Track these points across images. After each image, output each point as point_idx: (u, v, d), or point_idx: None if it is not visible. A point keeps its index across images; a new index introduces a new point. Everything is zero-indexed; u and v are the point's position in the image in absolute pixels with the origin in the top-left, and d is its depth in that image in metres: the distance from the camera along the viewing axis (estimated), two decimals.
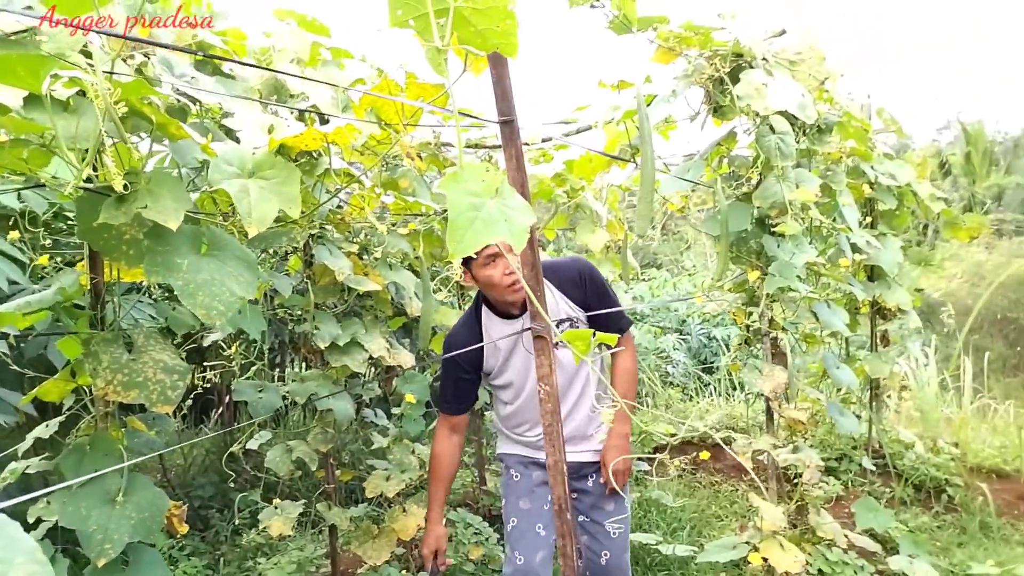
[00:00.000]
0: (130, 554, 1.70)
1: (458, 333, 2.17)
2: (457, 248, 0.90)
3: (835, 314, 2.68)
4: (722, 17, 2.20)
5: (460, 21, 0.94)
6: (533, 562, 2.05)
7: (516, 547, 2.09)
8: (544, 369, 1.28)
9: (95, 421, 1.84)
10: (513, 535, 2.12)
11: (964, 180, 22.99)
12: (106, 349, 1.70)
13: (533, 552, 2.06)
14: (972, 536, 3.24)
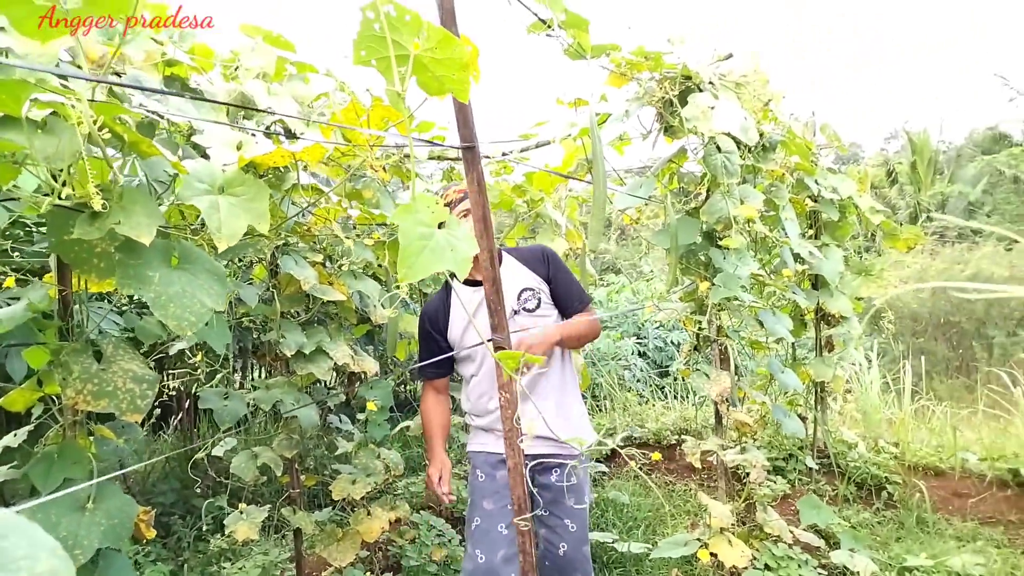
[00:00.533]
0: (100, 560, 1.74)
1: (432, 301, 2.36)
2: (407, 273, 0.99)
3: (779, 321, 2.83)
4: (671, 42, 2.32)
5: (419, 67, 1.03)
6: (494, 560, 2.13)
7: (478, 546, 2.17)
8: (504, 377, 1.37)
9: (63, 430, 1.87)
10: (476, 534, 2.20)
11: (910, 188, 23.75)
12: (76, 359, 1.74)
13: (494, 551, 2.14)
14: (909, 531, 3.43)
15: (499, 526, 2.19)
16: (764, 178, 2.71)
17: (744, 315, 2.65)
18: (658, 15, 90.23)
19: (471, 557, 2.20)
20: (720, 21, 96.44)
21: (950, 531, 3.40)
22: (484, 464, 2.28)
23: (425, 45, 1.01)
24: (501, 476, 2.23)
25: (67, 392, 1.67)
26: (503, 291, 1.39)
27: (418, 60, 1.01)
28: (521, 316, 2.19)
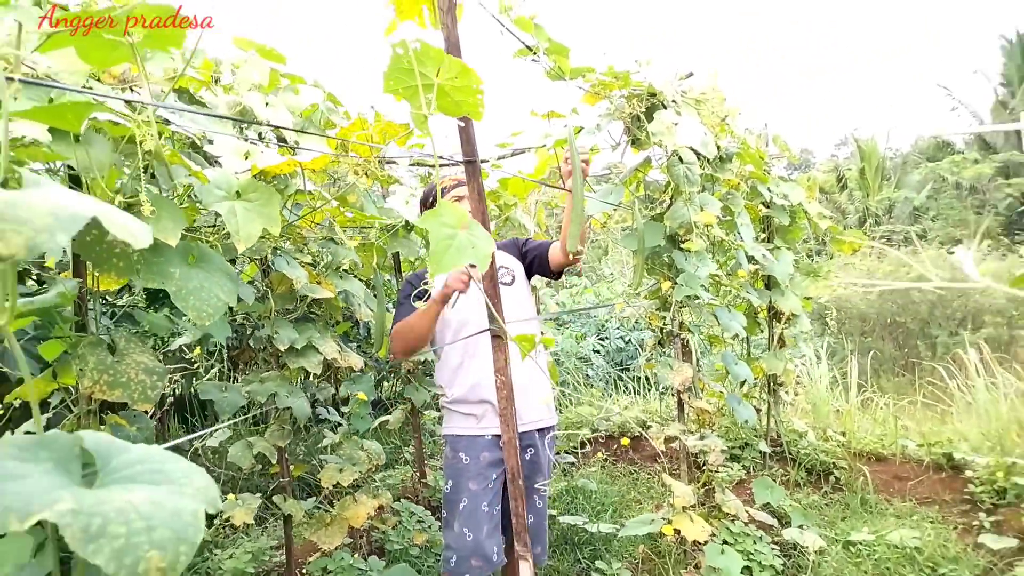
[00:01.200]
0: None
1: (420, 272, 2.62)
2: (437, 268, 1.19)
3: (734, 318, 3.08)
4: (639, 63, 2.56)
5: (441, 94, 1.24)
6: (481, 537, 2.32)
7: (466, 525, 2.35)
8: (500, 363, 1.57)
9: (78, 418, 2.01)
10: (463, 514, 2.36)
11: (859, 194, 24.58)
12: (92, 351, 1.89)
13: (481, 529, 2.33)
14: (854, 511, 3.72)
15: (483, 505, 2.37)
16: (721, 186, 2.96)
17: (704, 312, 2.89)
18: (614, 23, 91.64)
19: (459, 535, 2.36)
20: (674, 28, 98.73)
21: (891, 510, 3.70)
22: (468, 447, 2.43)
23: (446, 75, 1.21)
24: (484, 457, 2.40)
25: (84, 382, 1.81)
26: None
27: (440, 88, 1.21)
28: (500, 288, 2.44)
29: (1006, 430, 4.16)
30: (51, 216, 0.58)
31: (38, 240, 0.56)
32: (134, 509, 0.64)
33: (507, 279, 2.51)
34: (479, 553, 2.32)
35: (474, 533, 2.33)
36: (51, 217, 0.58)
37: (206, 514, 0.70)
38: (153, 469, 0.73)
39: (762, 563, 2.91)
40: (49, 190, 0.66)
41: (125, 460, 0.73)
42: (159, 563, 0.62)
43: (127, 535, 0.62)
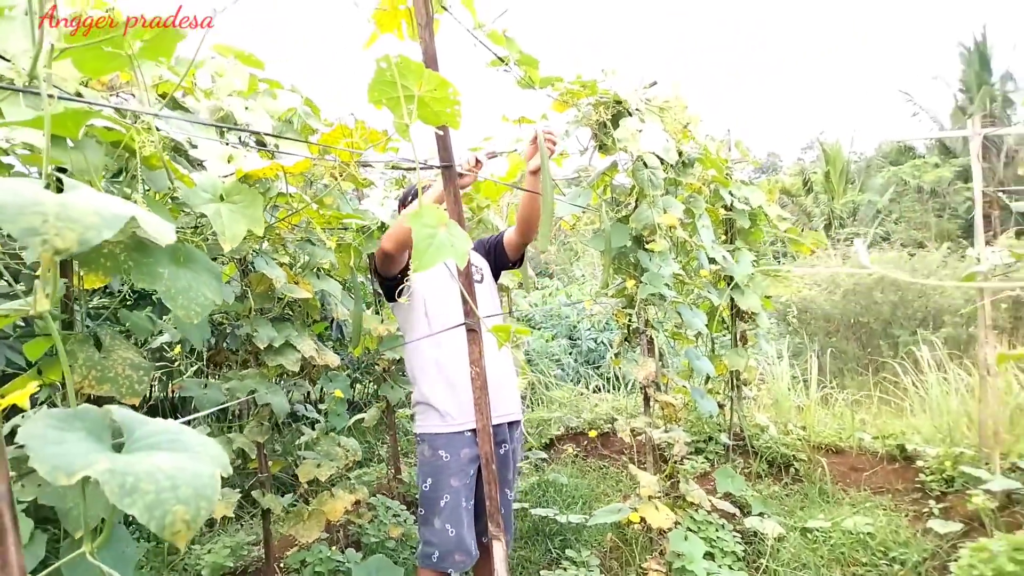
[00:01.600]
0: (103, 531, 1.97)
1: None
2: (419, 265, 1.29)
3: (696, 316, 3.23)
4: (605, 73, 2.69)
5: (421, 104, 1.34)
6: (463, 532, 2.38)
7: (448, 521, 2.39)
8: (475, 355, 1.68)
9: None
10: (445, 511, 2.40)
11: (824, 196, 25.09)
12: (81, 348, 1.96)
13: (462, 524, 2.39)
14: (812, 500, 3.89)
15: (463, 500, 2.43)
16: (684, 190, 3.10)
17: (667, 309, 3.04)
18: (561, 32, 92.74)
19: (441, 531, 2.39)
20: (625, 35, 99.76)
21: (847, 499, 3.88)
22: (447, 445, 2.45)
23: (426, 88, 1.32)
24: (464, 454, 2.44)
25: (74, 377, 1.89)
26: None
27: (420, 99, 1.32)
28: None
29: (956, 423, 4.37)
30: (97, 216, 0.68)
31: (87, 236, 0.66)
32: (160, 471, 0.74)
33: (477, 277, 2.61)
34: (462, 548, 2.38)
35: (456, 529, 2.39)
36: (97, 217, 0.67)
37: None
38: (172, 439, 0.83)
39: (724, 549, 3.06)
40: (85, 193, 0.75)
41: (147, 431, 0.83)
42: (184, 515, 0.72)
43: (156, 492, 0.72)
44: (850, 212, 24.78)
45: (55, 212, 0.66)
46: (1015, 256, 3.81)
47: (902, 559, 3.19)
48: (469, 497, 2.47)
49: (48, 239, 0.65)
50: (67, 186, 0.76)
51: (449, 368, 2.48)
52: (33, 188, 0.68)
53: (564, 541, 3.33)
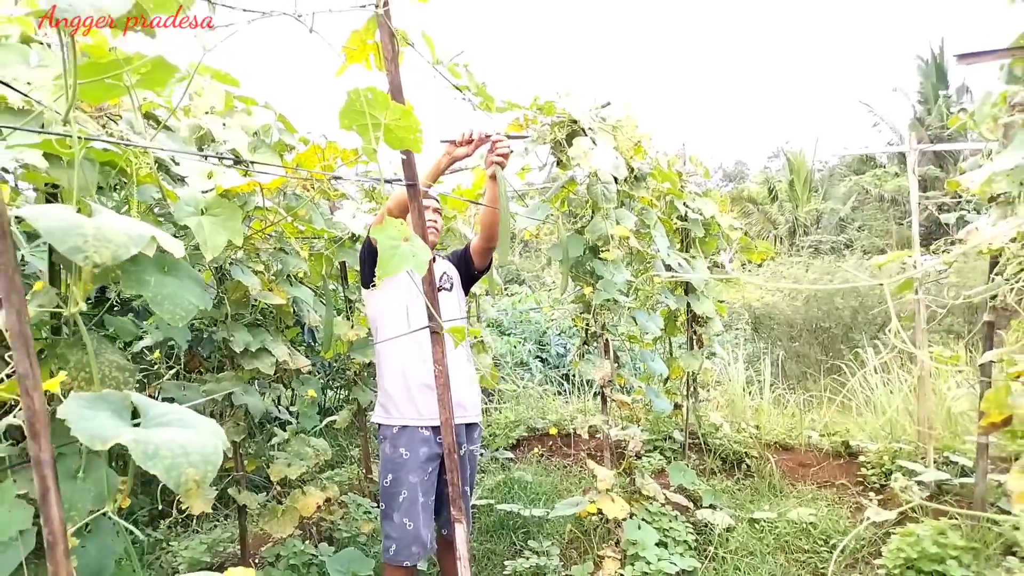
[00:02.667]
0: (90, 524, 2.10)
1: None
2: (384, 272, 1.48)
3: (652, 320, 3.45)
4: (559, 95, 2.90)
5: (387, 131, 1.53)
6: (420, 526, 2.55)
7: (407, 515, 2.55)
8: (438, 355, 1.87)
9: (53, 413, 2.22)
10: (404, 505, 2.56)
11: (789, 205, 25.63)
12: (71, 351, 2.10)
13: (419, 518, 2.56)
14: (762, 494, 4.12)
15: (421, 496, 2.58)
16: (637, 203, 3.32)
17: (623, 314, 3.24)
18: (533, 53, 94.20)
19: (399, 526, 2.55)
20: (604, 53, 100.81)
21: (794, 493, 4.12)
22: (408, 441, 2.61)
23: (391, 116, 1.51)
24: (422, 452, 2.60)
25: (64, 379, 2.03)
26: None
27: (386, 127, 1.51)
28: (441, 293, 2.73)
29: (897, 421, 4.65)
30: (126, 236, 0.85)
31: (119, 252, 0.83)
32: (174, 441, 0.92)
33: (447, 284, 2.80)
34: (419, 541, 2.55)
35: (414, 523, 2.55)
36: (126, 236, 0.85)
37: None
38: (179, 419, 1.00)
39: (676, 538, 3.27)
40: (109, 215, 0.92)
41: (158, 412, 1.00)
42: (194, 476, 0.90)
43: (172, 457, 0.90)
44: (814, 220, 25.38)
45: (93, 233, 0.82)
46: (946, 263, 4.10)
47: (841, 546, 3.43)
48: (428, 493, 2.64)
49: (89, 255, 0.82)
50: (95, 211, 0.93)
51: (412, 368, 2.65)
52: (71, 213, 0.85)
53: (527, 534, 3.52)
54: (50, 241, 0.82)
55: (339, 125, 1.57)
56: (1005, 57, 2.44)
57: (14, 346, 0.84)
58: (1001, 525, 3.20)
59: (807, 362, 12.23)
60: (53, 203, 2.07)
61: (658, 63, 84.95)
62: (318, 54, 13.32)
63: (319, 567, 3.08)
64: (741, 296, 11.64)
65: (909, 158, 4.54)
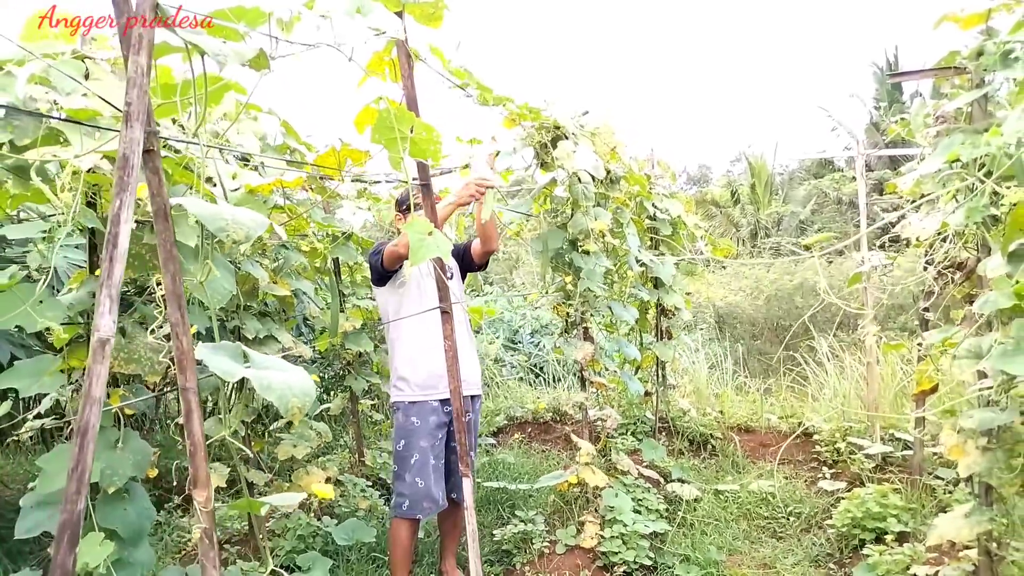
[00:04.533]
0: (127, 489, 2.34)
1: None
2: (415, 259, 1.77)
3: (627, 311, 3.78)
4: (546, 102, 3.21)
5: (412, 143, 1.82)
6: (431, 484, 2.86)
7: (418, 475, 2.87)
8: (447, 331, 2.17)
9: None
10: (416, 467, 2.88)
11: (751, 207, 26.31)
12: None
13: (430, 478, 2.88)
14: (726, 470, 4.49)
15: (431, 458, 2.92)
16: (612, 203, 3.65)
17: (601, 303, 3.57)
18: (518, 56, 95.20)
19: (411, 484, 2.87)
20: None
21: (755, 469, 4.49)
22: (419, 412, 2.93)
23: (416, 131, 1.80)
24: (432, 420, 2.92)
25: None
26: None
27: (412, 140, 1.80)
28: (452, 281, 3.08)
29: (848, 404, 5.06)
30: (252, 221, 1.13)
31: (250, 233, 1.11)
32: (281, 378, 1.20)
33: (449, 275, 3.10)
34: (430, 497, 2.88)
35: (425, 482, 2.87)
36: (253, 222, 1.13)
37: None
38: (276, 363, 1.28)
39: (648, 507, 3.59)
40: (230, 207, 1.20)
41: (259, 359, 1.29)
42: (297, 404, 1.19)
43: (281, 389, 1.18)
44: (775, 222, 26.10)
45: (231, 219, 1.11)
46: (889, 258, 4.50)
47: (797, 512, 3.80)
48: (439, 457, 2.97)
49: (230, 234, 1.10)
50: (244, 201, 1.21)
51: (421, 357, 2.96)
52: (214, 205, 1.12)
53: (513, 506, 3.82)
54: (204, 223, 1.09)
55: (371, 139, 1.86)
56: (930, 76, 2.82)
57: (169, 300, 1.11)
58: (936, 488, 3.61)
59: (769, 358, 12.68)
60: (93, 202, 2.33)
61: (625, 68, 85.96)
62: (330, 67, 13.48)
63: (323, 537, 3.34)
64: (707, 296, 12.06)
65: (858, 162, 4.96)
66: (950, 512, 2.50)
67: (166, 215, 1.06)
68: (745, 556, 3.41)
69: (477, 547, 2.36)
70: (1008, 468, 2.23)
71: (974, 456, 2.26)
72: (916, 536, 3.16)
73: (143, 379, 2.58)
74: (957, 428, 2.41)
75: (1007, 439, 2.22)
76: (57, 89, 1.93)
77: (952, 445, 2.39)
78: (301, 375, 1.23)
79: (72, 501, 1.00)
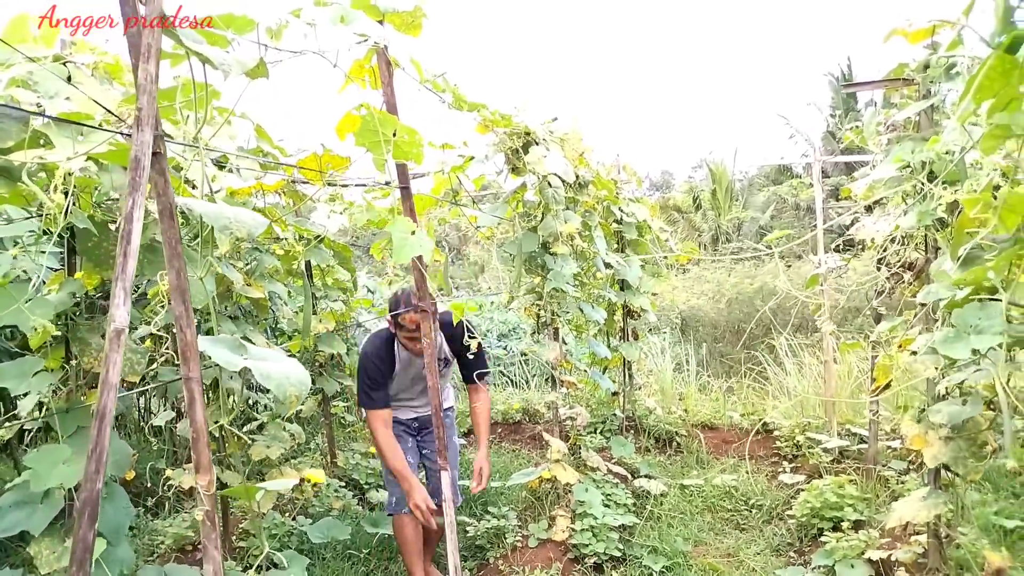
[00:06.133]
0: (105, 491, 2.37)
1: (376, 355, 3.12)
2: (398, 258, 1.84)
3: (596, 312, 3.89)
4: (517, 109, 3.31)
5: (396, 146, 1.90)
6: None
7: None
8: (427, 330, 2.24)
9: (74, 390, 2.48)
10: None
11: (712, 213, 26.78)
12: (91, 335, 2.39)
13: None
14: (691, 466, 4.62)
15: (408, 458, 3.05)
16: (581, 207, 3.75)
17: (570, 304, 3.67)
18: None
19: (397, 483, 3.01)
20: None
21: (718, 464, 4.64)
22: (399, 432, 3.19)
23: (399, 134, 1.88)
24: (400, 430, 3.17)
25: (85, 359, 2.31)
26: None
27: (395, 143, 1.88)
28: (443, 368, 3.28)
29: (807, 401, 5.24)
30: (253, 219, 1.19)
31: (252, 231, 1.18)
32: (278, 368, 1.27)
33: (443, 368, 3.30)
34: None
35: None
36: (253, 220, 1.19)
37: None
38: (273, 355, 1.35)
39: (617, 501, 3.70)
40: (225, 206, 1.27)
41: (255, 351, 1.35)
42: (294, 392, 1.26)
43: (279, 378, 1.25)
44: (735, 228, 26.60)
45: (233, 218, 1.17)
46: (844, 260, 4.69)
47: (759, 504, 3.94)
48: (415, 458, 3.19)
49: (232, 231, 1.17)
50: (227, 202, 1.27)
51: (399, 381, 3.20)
52: (214, 204, 1.19)
53: (486, 503, 3.90)
54: (208, 221, 1.16)
55: (355, 143, 1.93)
56: (881, 87, 2.99)
57: (173, 295, 1.18)
58: (889, 479, 3.78)
59: (730, 360, 12.95)
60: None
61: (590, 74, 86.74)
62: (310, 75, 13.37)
63: (299, 536, 3.38)
64: (671, 299, 12.27)
65: (814, 168, 5.15)
66: (907, 497, 2.65)
67: (171, 214, 1.12)
68: (710, 547, 3.53)
69: (455, 538, 2.44)
70: (974, 456, 2.37)
71: (938, 446, 2.40)
72: (871, 524, 3.32)
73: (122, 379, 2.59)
74: (918, 419, 2.57)
75: (969, 429, 2.37)
76: (40, 92, 1.97)
77: (914, 436, 2.53)
78: (296, 366, 1.30)
79: (92, 480, 1.05)
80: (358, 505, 3.95)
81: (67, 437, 2.28)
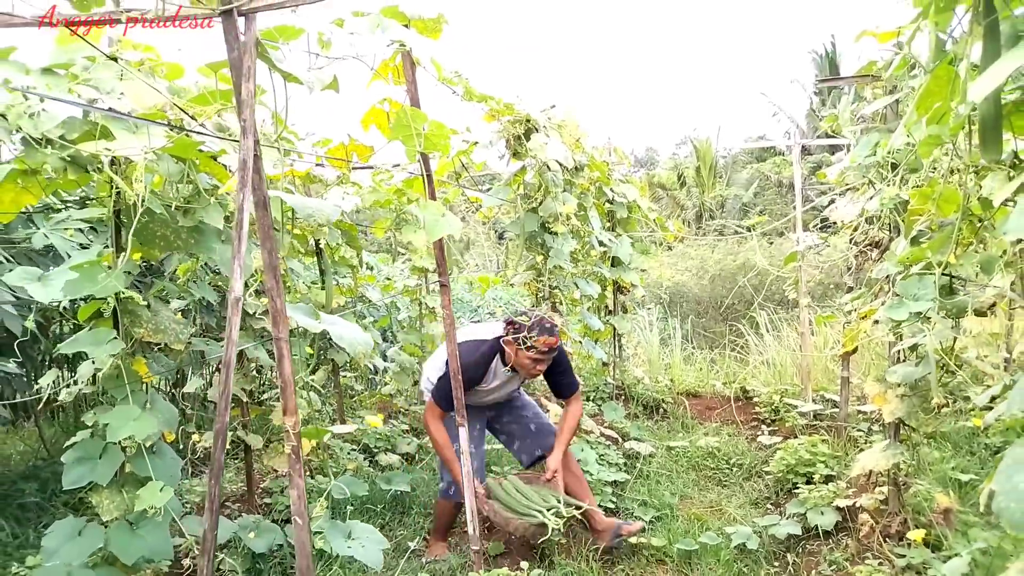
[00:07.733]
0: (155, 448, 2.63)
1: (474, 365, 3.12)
2: (431, 236, 2.12)
3: (590, 286, 4.19)
4: (518, 98, 3.57)
5: (426, 138, 2.17)
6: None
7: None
8: (446, 302, 2.53)
9: (123, 358, 2.74)
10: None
11: (696, 190, 27.07)
12: (140, 309, 2.65)
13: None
14: (677, 430, 4.97)
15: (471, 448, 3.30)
16: (577, 189, 4.03)
17: (567, 280, 3.97)
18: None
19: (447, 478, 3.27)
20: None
21: (702, 429, 4.98)
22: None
23: (429, 128, 2.15)
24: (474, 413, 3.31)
25: (136, 330, 2.56)
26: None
27: (426, 136, 2.14)
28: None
29: (784, 369, 5.60)
30: (331, 208, 1.46)
31: (330, 218, 1.45)
32: (349, 331, 1.55)
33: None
34: None
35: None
36: (331, 208, 1.46)
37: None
38: (339, 321, 1.63)
39: (610, 461, 4.03)
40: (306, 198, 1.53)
41: (327, 317, 1.63)
42: (364, 350, 1.54)
43: (350, 339, 1.53)
44: (719, 204, 26.95)
45: (316, 207, 1.44)
46: (822, 238, 5.00)
47: (740, 463, 4.29)
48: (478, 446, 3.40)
49: (315, 218, 1.43)
50: (312, 193, 1.54)
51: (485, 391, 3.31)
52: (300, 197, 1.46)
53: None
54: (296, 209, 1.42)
55: (389, 137, 2.20)
56: (852, 83, 3.28)
57: (266, 271, 1.44)
58: (858, 439, 4.13)
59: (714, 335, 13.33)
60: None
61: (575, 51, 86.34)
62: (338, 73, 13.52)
63: (319, 493, 3.67)
64: (657, 275, 12.60)
65: (795, 149, 5.45)
66: (870, 449, 3.00)
67: (265, 204, 1.38)
68: (695, 500, 3.88)
69: (472, 486, 2.74)
70: (925, 411, 2.71)
71: (895, 403, 2.73)
72: (840, 478, 3.66)
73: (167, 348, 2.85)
74: (879, 380, 2.90)
75: (921, 387, 2.70)
76: (98, 89, 2.22)
77: (875, 395, 2.87)
78: (359, 330, 1.58)
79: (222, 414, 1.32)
80: (369, 467, 4.25)
81: (120, 400, 2.54)
